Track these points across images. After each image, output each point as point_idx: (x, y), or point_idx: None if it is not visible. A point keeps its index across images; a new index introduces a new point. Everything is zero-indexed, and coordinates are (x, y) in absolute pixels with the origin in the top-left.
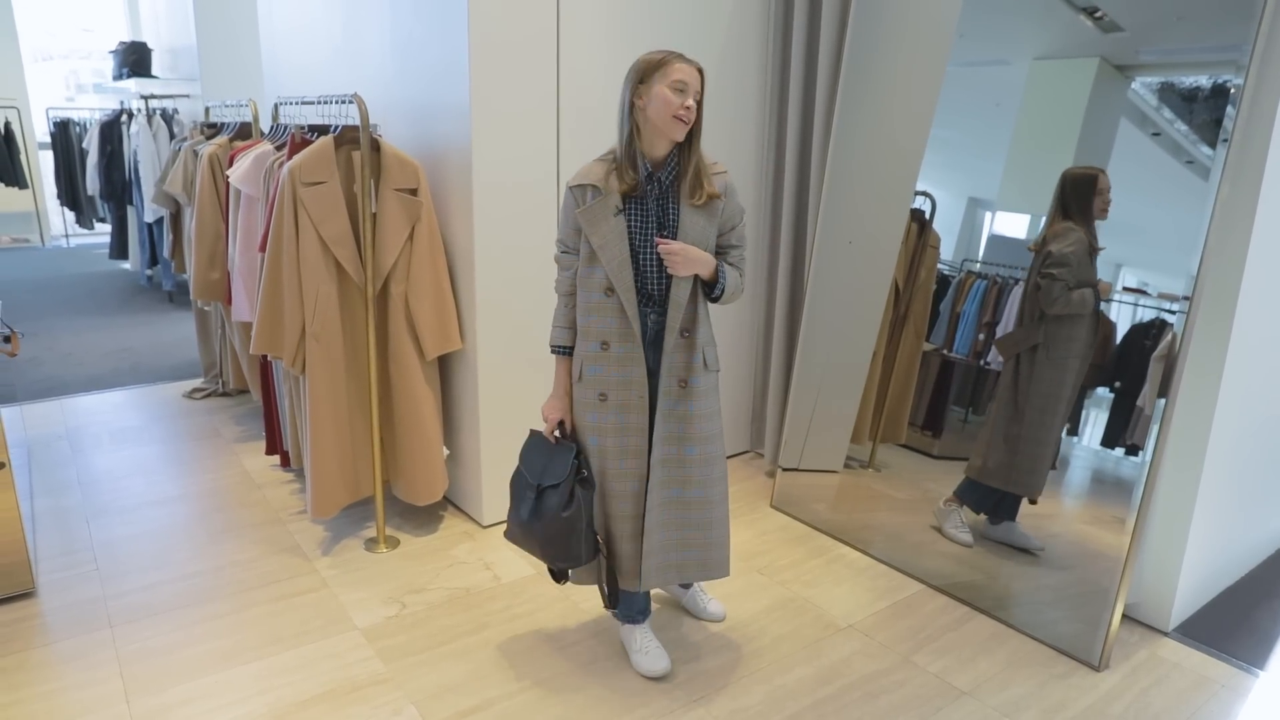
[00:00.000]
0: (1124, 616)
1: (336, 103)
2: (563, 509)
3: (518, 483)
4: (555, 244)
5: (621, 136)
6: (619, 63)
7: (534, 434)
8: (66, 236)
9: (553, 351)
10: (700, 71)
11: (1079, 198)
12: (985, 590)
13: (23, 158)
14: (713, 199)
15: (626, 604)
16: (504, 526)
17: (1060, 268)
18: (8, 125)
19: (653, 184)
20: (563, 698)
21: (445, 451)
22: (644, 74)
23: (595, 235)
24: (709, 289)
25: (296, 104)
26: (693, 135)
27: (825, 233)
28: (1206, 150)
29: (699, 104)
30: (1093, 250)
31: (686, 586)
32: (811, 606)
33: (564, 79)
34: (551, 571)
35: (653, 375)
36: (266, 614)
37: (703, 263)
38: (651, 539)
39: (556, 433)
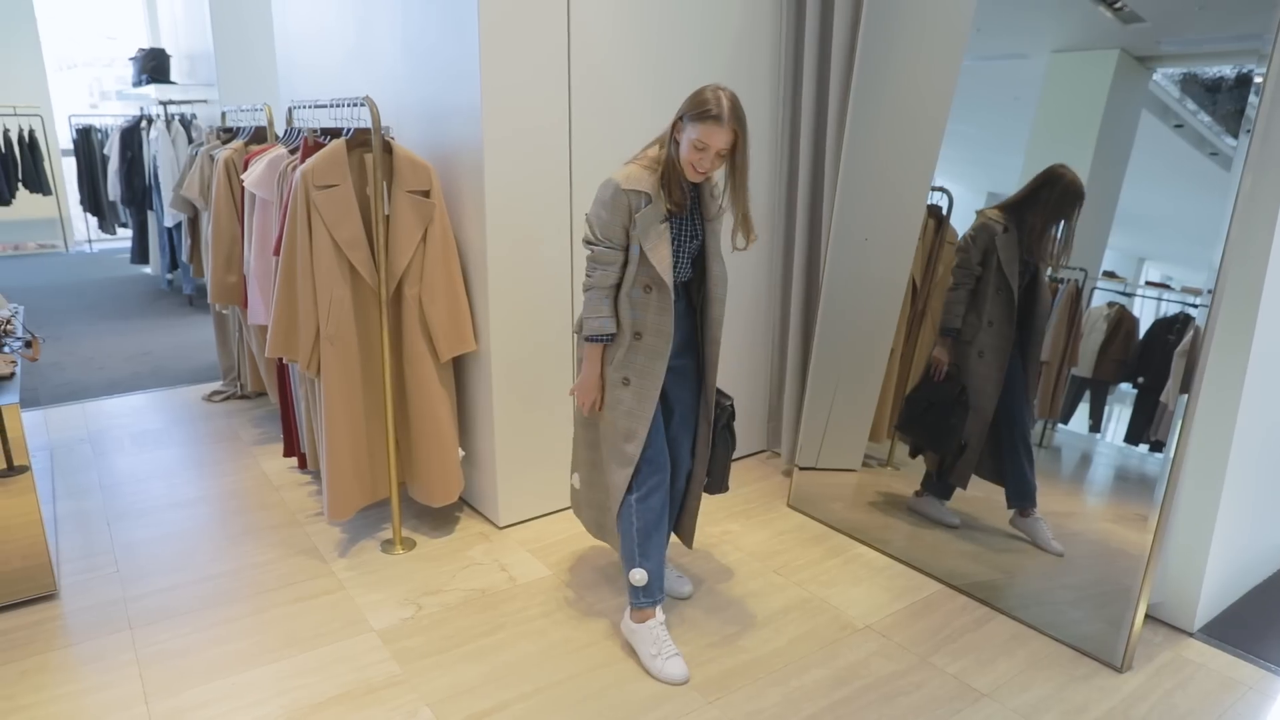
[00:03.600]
0: (1147, 616)
1: (349, 106)
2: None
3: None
4: (594, 239)
5: (667, 156)
6: (630, 63)
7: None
8: (89, 242)
9: (594, 339)
10: (736, 131)
11: (1062, 204)
12: (1005, 590)
13: (46, 165)
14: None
15: (659, 578)
16: (518, 528)
17: (958, 255)
18: (32, 133)
19: (693, 201)
20: (578, 699)
21: (460, 453)
22: (685, 113)
23: (647, 240)
24: None
25: (310, 107)
26: (734, 183)
27: (840, 230)
28: (1231, 141)
29: (733, 157)
30: (1013, 244)
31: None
32: (828, 607)
33: (575, 80)
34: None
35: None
36: (284, 616)
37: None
38: (690, 506)
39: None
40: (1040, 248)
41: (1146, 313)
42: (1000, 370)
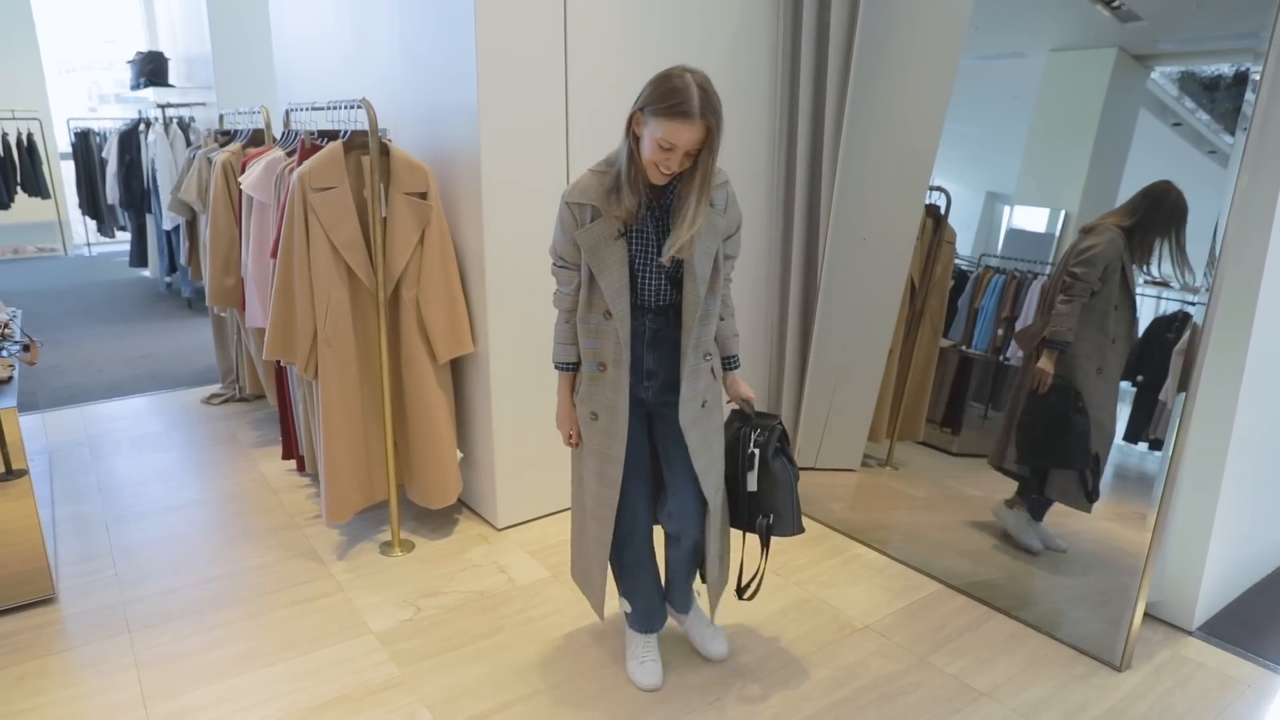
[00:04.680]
0: (1146, 615)
1: (346, 108)
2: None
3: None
4: (551, 257)
5: (622, 153)
6: (627, 63)
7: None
8: (89, 245)
9: (557, 368)
10: (709, 128)
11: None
12: (1004, 589)
13: (45, 168)
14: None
15: (645, 615)
16: (517, 529)
17: (1083, 267)
18: (30, 136)
19: (653, 209)
20: (577, 701)
21: (459, 454)
22: (646, 103)
23: (594, 258)
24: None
25: (307, 110)
26: (693, 187)
27: (838, 229)
28: (1229, 139)
29: (700, 157)
30: (1131, 260)
31: (684, 609)
32: (828, 607)
33: (572, 81)
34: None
35: (651, 376)
36: (282, 618)
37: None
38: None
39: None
40: (1141, 263)
41: (1145, 311)
42: (1117, 387)
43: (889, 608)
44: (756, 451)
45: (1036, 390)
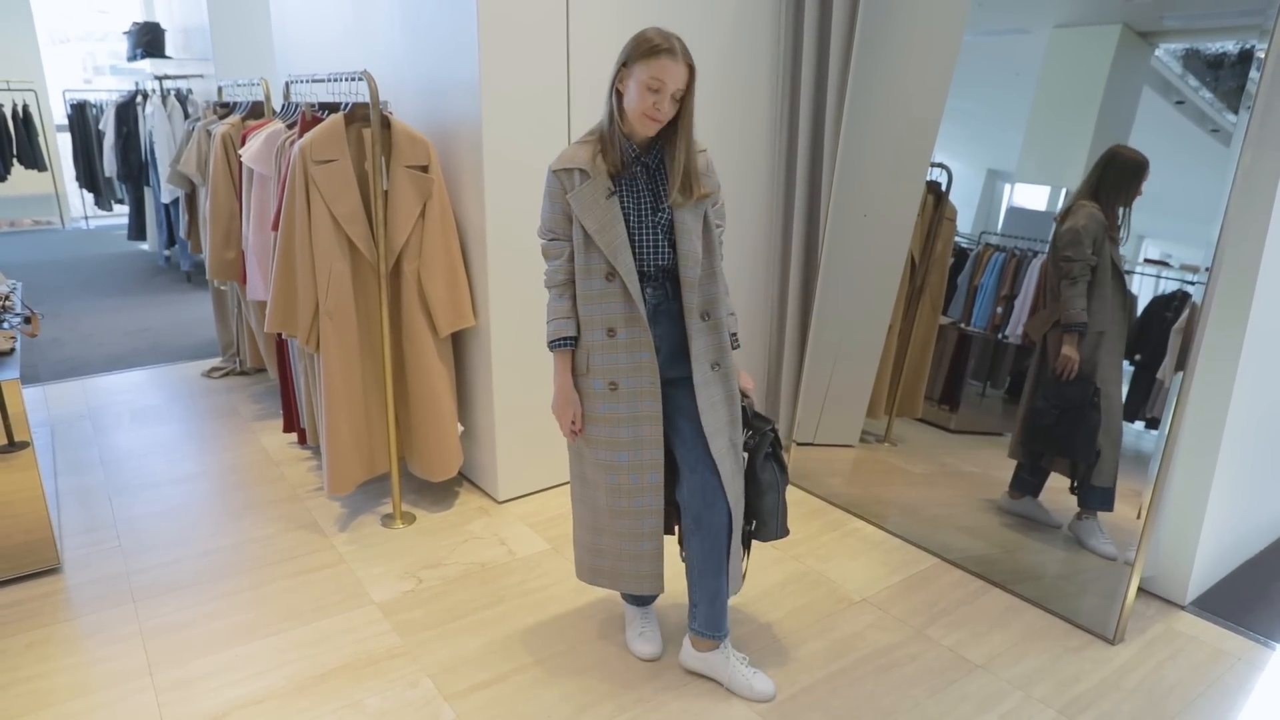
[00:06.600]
0: (1140, 590)
1: (347, 80)
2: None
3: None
4: (540, 233)
5: (606, 114)
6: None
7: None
8: (86, 218)
9: (555, 347)
10: (690, 67)
11: (1120, 182)
12: (1001, 564)
13: (41, 140)
14: (702, 199)
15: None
16: (517, 502)
17: (1072, 248)
18: (25, 108)
19: (640, 165)
20: (576, 671)
21: (460, 428)
22: (629, 57)
23: (589, 220)
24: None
25: (307, 82)
26: (678, 131)
27: (839, 206)
28: (1232, 118)
29: (684, 101)
30: (1110, 234)
31: (715, 630)
32: (825, 580)
33: (574, 54)
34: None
35: (655, 351)
36: (285, 589)
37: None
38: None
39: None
40: (1116, 231)
41: (1145, 290)
42: (1121, 355)
43: (886, 581)
44: (745, 455)
45: (1060, 377)
